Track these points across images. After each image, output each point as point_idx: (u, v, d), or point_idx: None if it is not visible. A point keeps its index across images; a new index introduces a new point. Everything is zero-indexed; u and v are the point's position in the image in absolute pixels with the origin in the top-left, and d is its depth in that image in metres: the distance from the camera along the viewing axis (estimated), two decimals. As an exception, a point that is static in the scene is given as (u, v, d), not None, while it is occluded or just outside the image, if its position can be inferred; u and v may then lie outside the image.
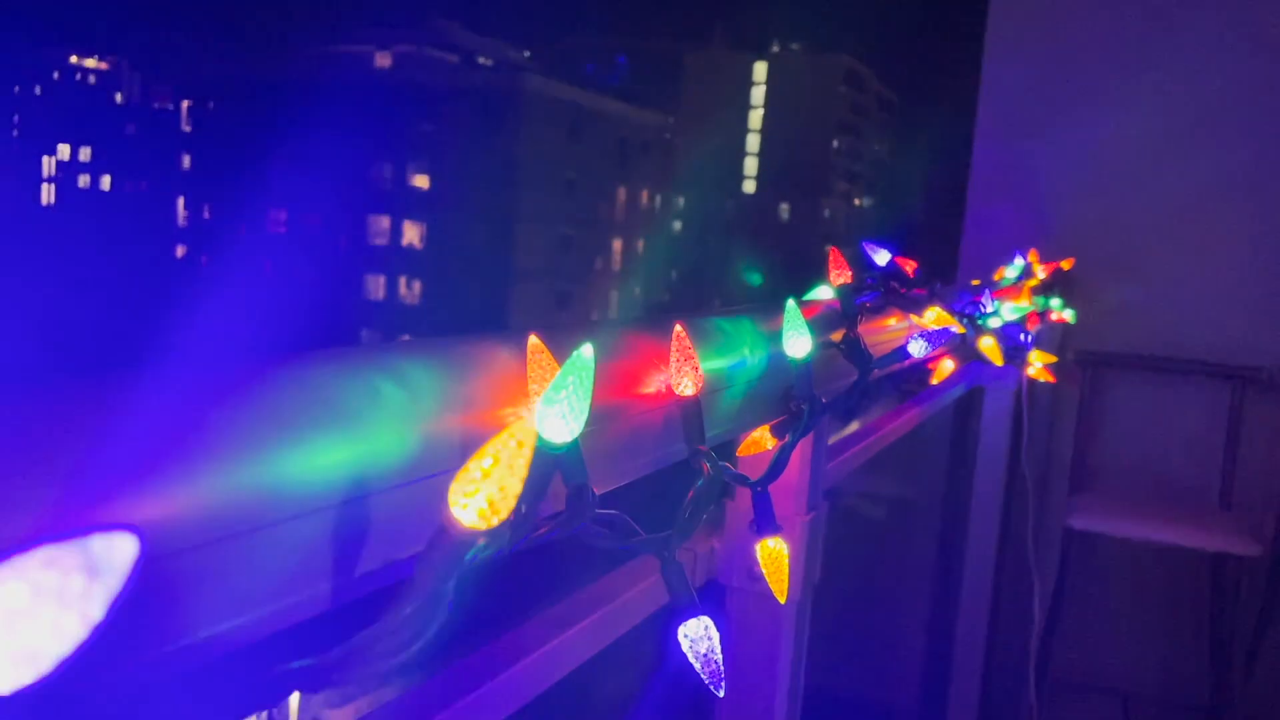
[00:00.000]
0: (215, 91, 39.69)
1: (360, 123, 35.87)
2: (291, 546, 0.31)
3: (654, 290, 44.97)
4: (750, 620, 0.69)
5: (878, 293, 0.84)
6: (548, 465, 0.34)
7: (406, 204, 36.50)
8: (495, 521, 0.31)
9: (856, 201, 54.27)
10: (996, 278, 1.85)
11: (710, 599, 0.71)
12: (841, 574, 1.76)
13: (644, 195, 42.28)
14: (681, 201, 49.77)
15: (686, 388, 0.44)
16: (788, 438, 0.56)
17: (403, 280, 36.84)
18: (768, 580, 0.47)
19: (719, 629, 0.48)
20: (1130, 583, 2.58)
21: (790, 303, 0.54)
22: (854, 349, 0.67)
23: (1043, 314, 1.99)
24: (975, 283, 1.41)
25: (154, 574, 0.27)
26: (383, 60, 43.60)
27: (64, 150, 47.67)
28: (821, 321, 0.66)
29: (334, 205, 36.76)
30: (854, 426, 1.34)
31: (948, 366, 1.20)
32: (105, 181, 45.54)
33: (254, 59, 40.62)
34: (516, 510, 0.32)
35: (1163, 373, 2.55)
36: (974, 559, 2.16)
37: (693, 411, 0.46)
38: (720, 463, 0.48)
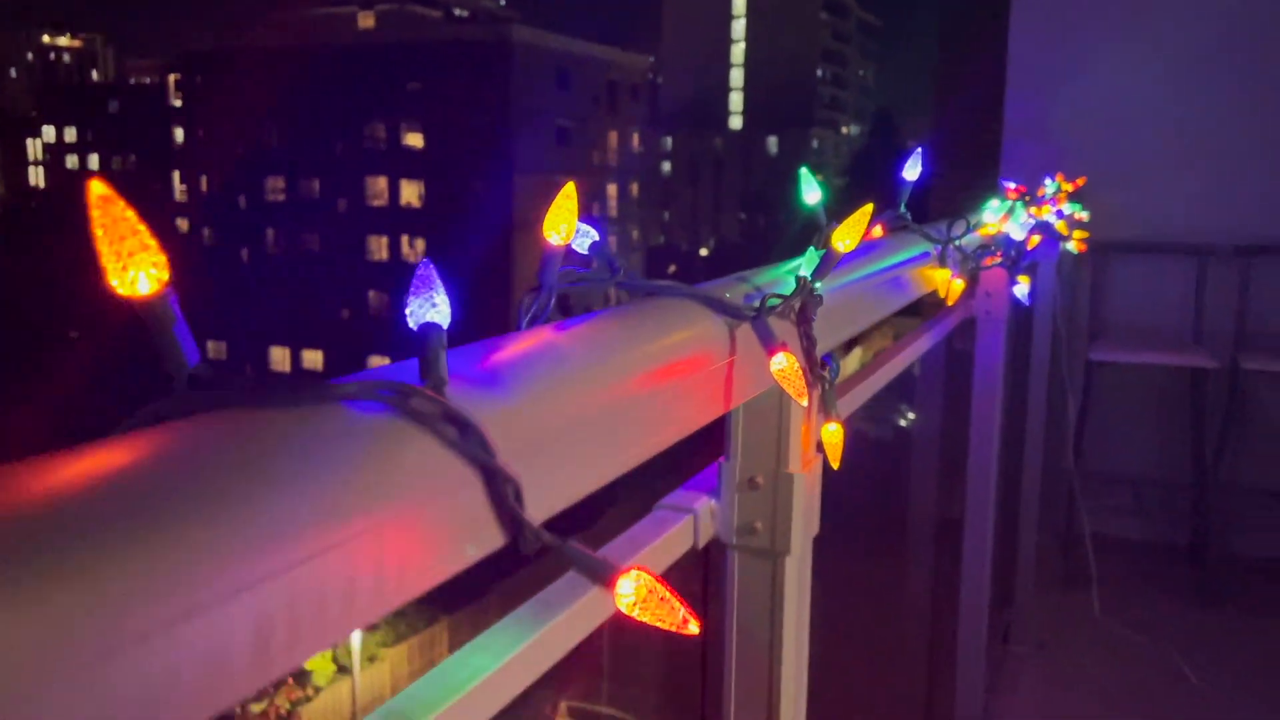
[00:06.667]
0: (200, 63, 39.89)
1: (349, 85, 36.30)
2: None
3: (650, 232, 45.74)
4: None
5: (1020, 202, 1.89)
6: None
7: (402, 163, 36.96)
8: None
9: (844, 130, 54.78)
10: (1040, 193, 2.89)
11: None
12: (938, 395, 2.78)
13: (634, 138, 42.90)
14: (670, 142, 50.32)
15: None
16: (1011, 255, 1.59)
17: (405, 239, 37.39)
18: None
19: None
20: (1133, 397, 3.69)
21: (1019, 204, 1.58)
22: (1024, 224, 1.71)
23: (1072, 215, 3.05)
24: (1040, 193, 2.46)
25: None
26: (365, 21, 43.82)
27: (49, 132, 48.06)
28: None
29: (330, 170, 37.34)
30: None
31: (1035, 240, 2.23)
32: (93, 160, 45.92)
33: (237, 28, 40.81)
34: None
35: (1148, 252, 3.63)
36: (1035, 382, 3.23)
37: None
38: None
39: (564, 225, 0.47)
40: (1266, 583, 3.49)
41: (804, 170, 0.82)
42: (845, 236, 0.65)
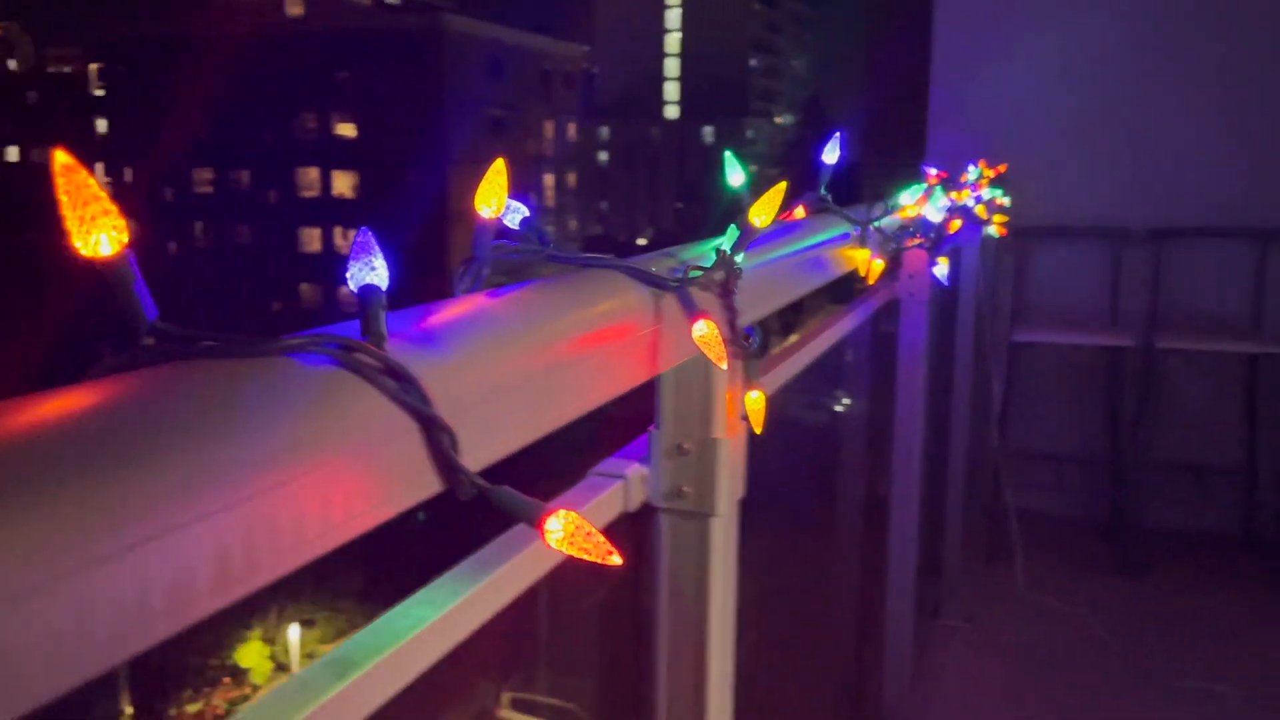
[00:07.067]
0: (123, 52, 38.83)
1: (278, 74, 35.66)
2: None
3: (587, 222, 45.70)
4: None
5: (941, 185, 1.96)
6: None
7: (334, 154, 36.43)
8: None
9: (778, 119, 55.19)
10: (963, 179, 2.98)
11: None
12: (867, 376, 2.85)
13: (570, 128, 42.79)
14: (606, 132, 50.29)
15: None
16: (931, 238, 1.65)
17: (338, 231, 36.85)
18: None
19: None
20: (1055, 376, 3.83)
21: (939, 188, 1.64)
22: (941, 208, 1.78)
23: (993, 200, 3.15)
24: (962, 179, 2.54)
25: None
26: (294, 8, 42.95)
27: (-37, 123, 46.38)
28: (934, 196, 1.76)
29: (260, 160, 36.65)
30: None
31: (956, 224, 2.31)
32: (12, 152, 44.48)
33: (162, 16, 39.72)
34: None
35: (1067, 236, 3.76)
36: (960, 363, 3.33)
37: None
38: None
39: (495, 199, 0.50)
40: (1182, 552, 3.64)
41: (728, 154, 0.86)
42: (761, 213, 0.69)
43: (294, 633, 18.73)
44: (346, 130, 36.80)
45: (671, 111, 53.72)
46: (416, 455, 0.40)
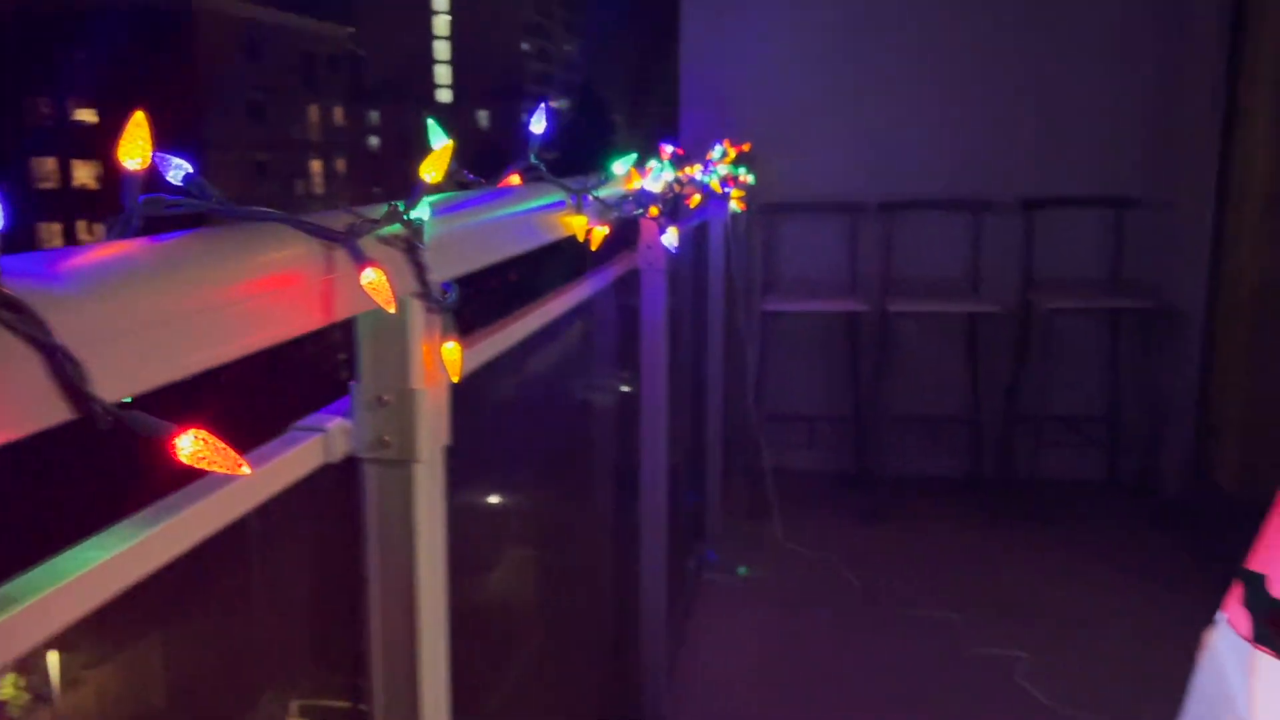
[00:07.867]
0: None
1: (4, 54, 32.55)
2: None
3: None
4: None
5: (671, 160, 2.06)
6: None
7: (74, 142, 33.64)
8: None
9: (552, 104, 55.23)
10: (708, 156, 3.14)
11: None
12: (616, 349, 2.95)
13: (337, 112, 41.30)
14: (376, 116, 48.79)
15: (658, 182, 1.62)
16: (662, 209, 1.75)
17: (82, 225, 34.09)
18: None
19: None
20: (803, 342, 4.09)
21: (667, 163, 1.73)
22: (659, 179, 1.88)
23: (735, 177, 3.32)
24: (708, 157, 2.68)
25: None
26: (18, -18, 39.13)
27: None
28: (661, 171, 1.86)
29: (-14, 149, 33.39)
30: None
31: (697, 199, 2.44)
32: None
33: None
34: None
35: (810, 211, 4.03)
36: (713, 333, 3.50)
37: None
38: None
39: (139, 151, 0.52)
40: (918, 497, 3.99)
41: (431, 121, 0.90)
42: (429, 169, 0.73)
43: (52, 660, 17.29)
44: (86, 116, 34.05)
45: (444, 95, 52.76)
46: (39, 384, 0.42)
